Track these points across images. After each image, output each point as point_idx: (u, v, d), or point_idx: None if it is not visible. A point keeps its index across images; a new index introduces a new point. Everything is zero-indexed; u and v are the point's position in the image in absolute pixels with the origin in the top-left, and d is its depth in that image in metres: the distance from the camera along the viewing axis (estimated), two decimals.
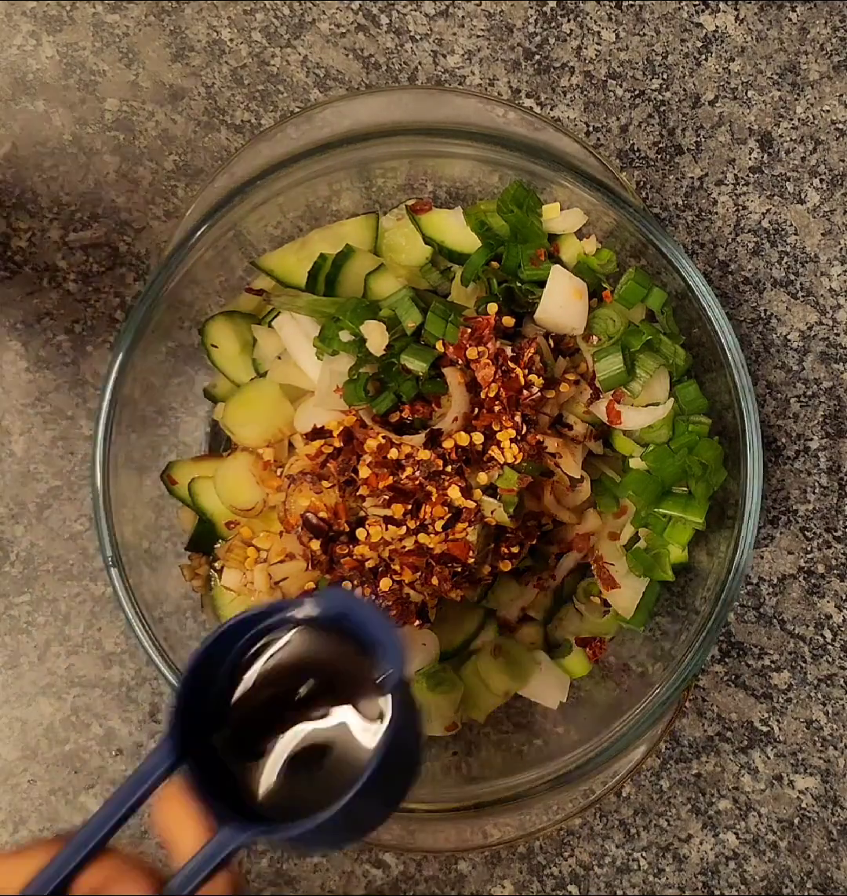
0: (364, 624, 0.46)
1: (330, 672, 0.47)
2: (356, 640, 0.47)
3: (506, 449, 0.62)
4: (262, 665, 0.47)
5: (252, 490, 0.65)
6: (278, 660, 0.47)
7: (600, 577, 0.68)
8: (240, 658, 0.47)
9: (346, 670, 0.47)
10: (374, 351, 0.63)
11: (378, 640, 0.46)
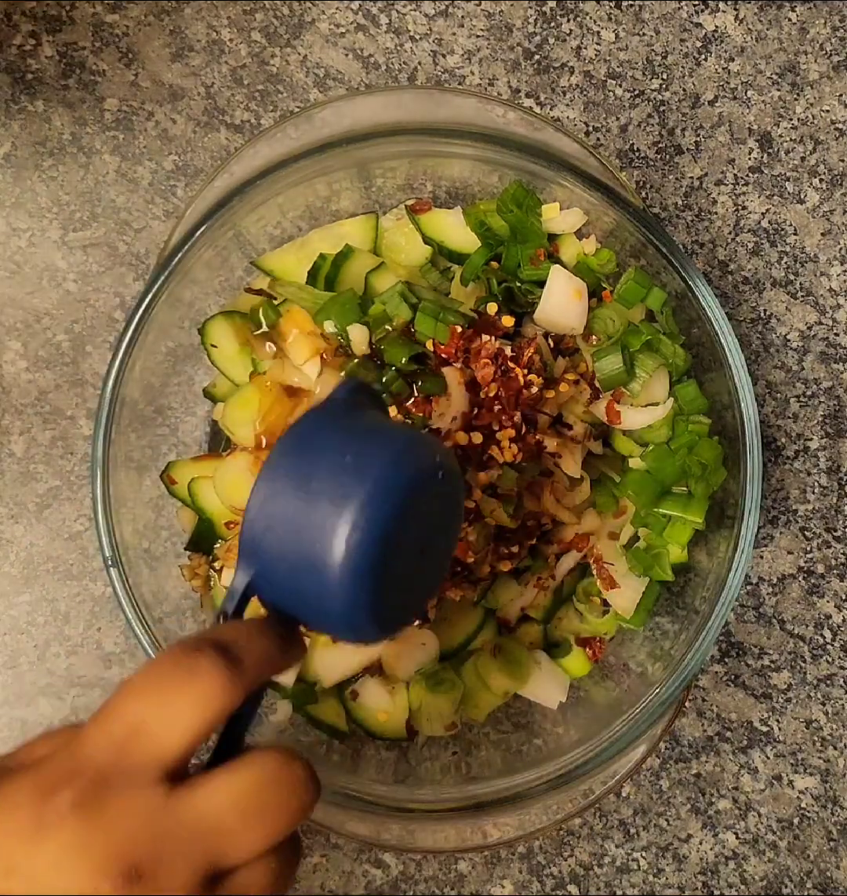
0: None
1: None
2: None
3: (505, 448, 0.62)
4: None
5: None
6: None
7: (600, 577, 0.68)
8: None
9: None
10: (356, 352, 0.63)
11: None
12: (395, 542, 0.42)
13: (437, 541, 0.47)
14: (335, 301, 0.64)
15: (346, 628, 0.44)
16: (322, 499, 0.41)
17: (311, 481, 0.42)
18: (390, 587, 0.43)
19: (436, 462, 0.44)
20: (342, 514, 0.41)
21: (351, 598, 0.42)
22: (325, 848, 0.72)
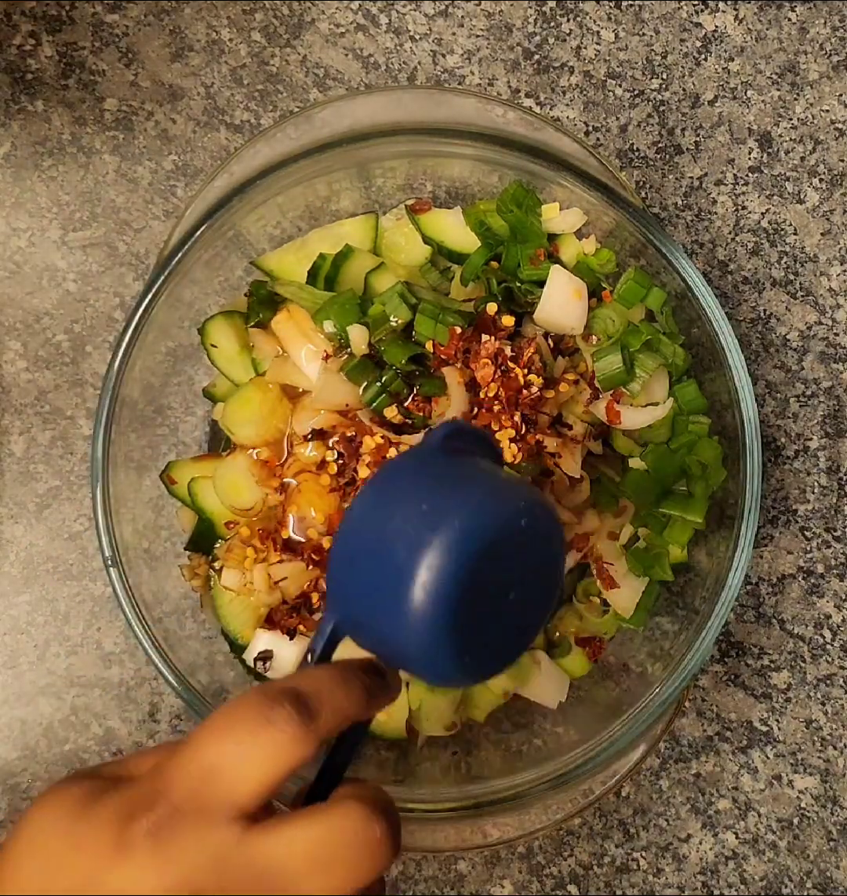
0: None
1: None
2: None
3: (505, 448, 0.62)
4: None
5: (251, 490, 0.65)
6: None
7: (599, 577, 0.68)
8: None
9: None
10: (355, 352, 0.63)
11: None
12: (474, 587, 0.42)
13: (531, 586, 0.46)
14: (335, 301, 0.64)
15: (432, 674, 0.45)
16: (398, 545, 0.42)
17: (389, 527, 0.43)
18: (475, 632, 0.44)
19: (517, 510, 0.44)
20: (415, 563, 0.42)
21: (430, 644, 0.42)
22: None
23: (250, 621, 0.66)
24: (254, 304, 0.67)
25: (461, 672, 0.44)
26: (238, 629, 0.67)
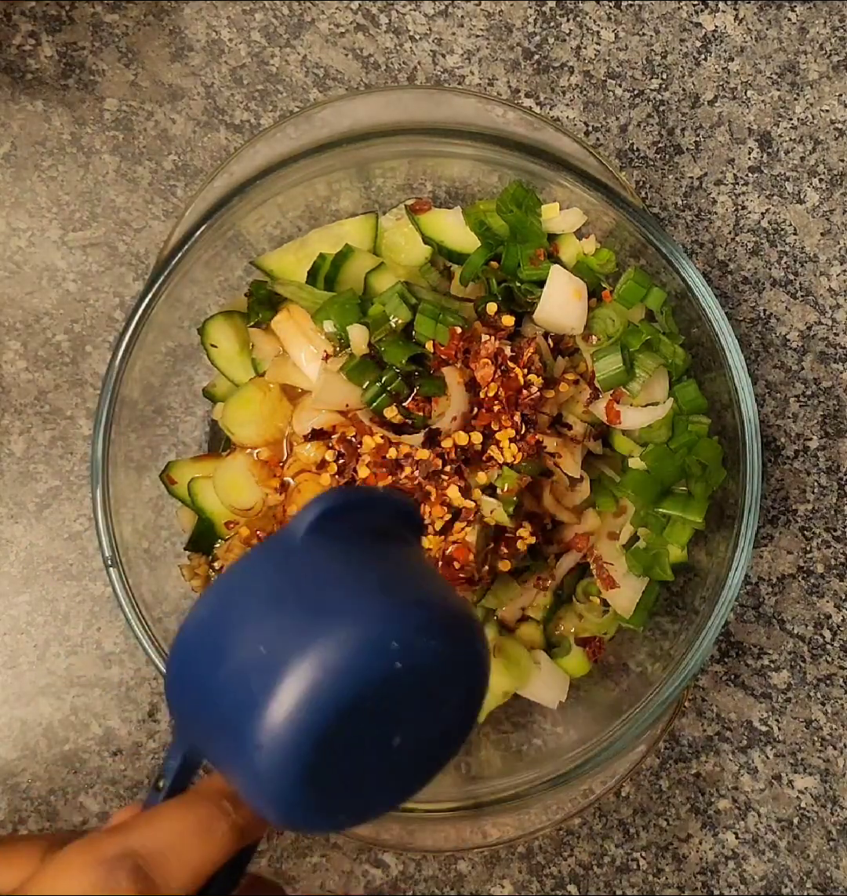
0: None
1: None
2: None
3: (505, 449, 0.62)
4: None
5: (251, 490, 0.65)
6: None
7: (599, 577, 0.68)
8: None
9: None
10: (355, 352, 0.63)
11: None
12: (337, 742, 0.35)
13: (433, 726, 0.38)
14: (335, 301, 0.64)
15: (289, 826, 0.39)
16: (237, 685, 0.35)
17: (227, 661, 0.36)
18: (344, 787, 0.36)
19: (387, 652, 0.35)
20: (256, 712, 0.34)
21: (288, 802, 0.35)
22: (325, 848, 0.72)
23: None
24: (254, 304, 0.67)
25: (328, 824, 0.38)
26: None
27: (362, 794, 0.37)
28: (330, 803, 0.36)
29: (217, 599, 0.37)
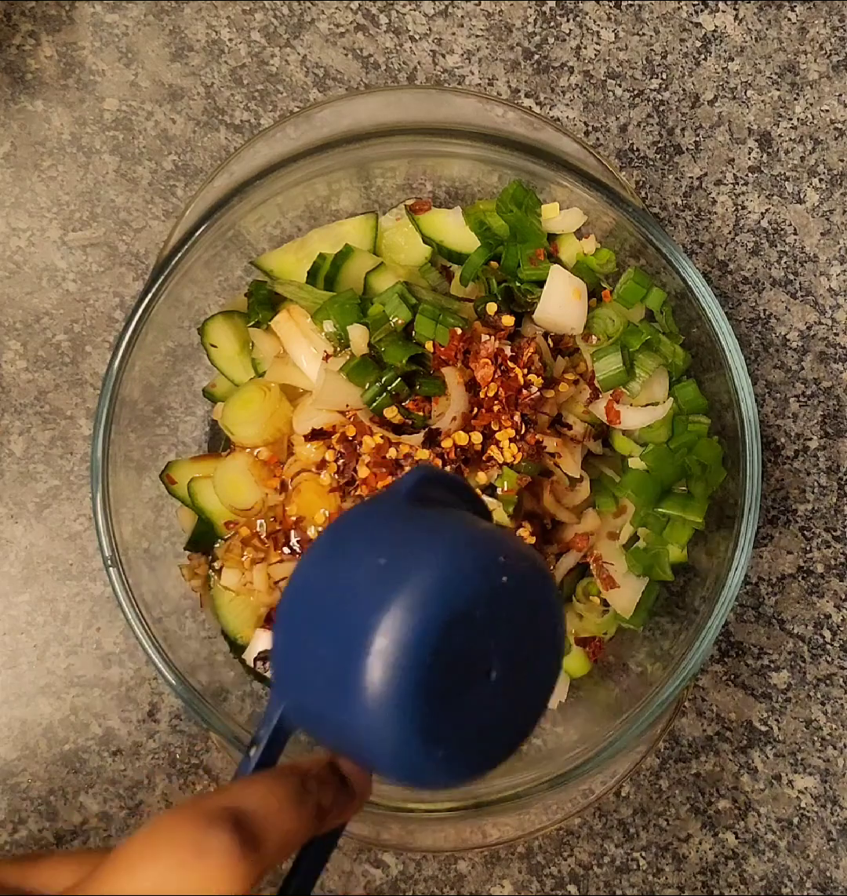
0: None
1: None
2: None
3: (505, 449, 0.62)
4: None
5: (251, 490, 0.65)
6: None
7: (599, 577, 0.68)
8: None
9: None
10: (355, 352, 0.63)
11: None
12: (443, 663, 0.35)
13: (520, 660, 0.38)
14: (334, 301, 0.64)
15: (400, 773, 0.37)
16: (351, 609, 0.35)
17: (340, 588, 0.36)
18: (448, 720, 0.36)
19: (496, 564, 0.37)
20: (369, 632, 0.34)
21: (392, 734, 0.35)
22: None
23: (250, 621, 0.66)
24: (254, 304, 0.67)
25: (435, 770, 0.37)
26: (238, 629, 0.67)
27: (468, 737, 0.37)
28: (439, 745, 0.36)
29: (331, 536, 0.38)
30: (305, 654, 0.37)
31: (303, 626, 0.37)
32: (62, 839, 0.72)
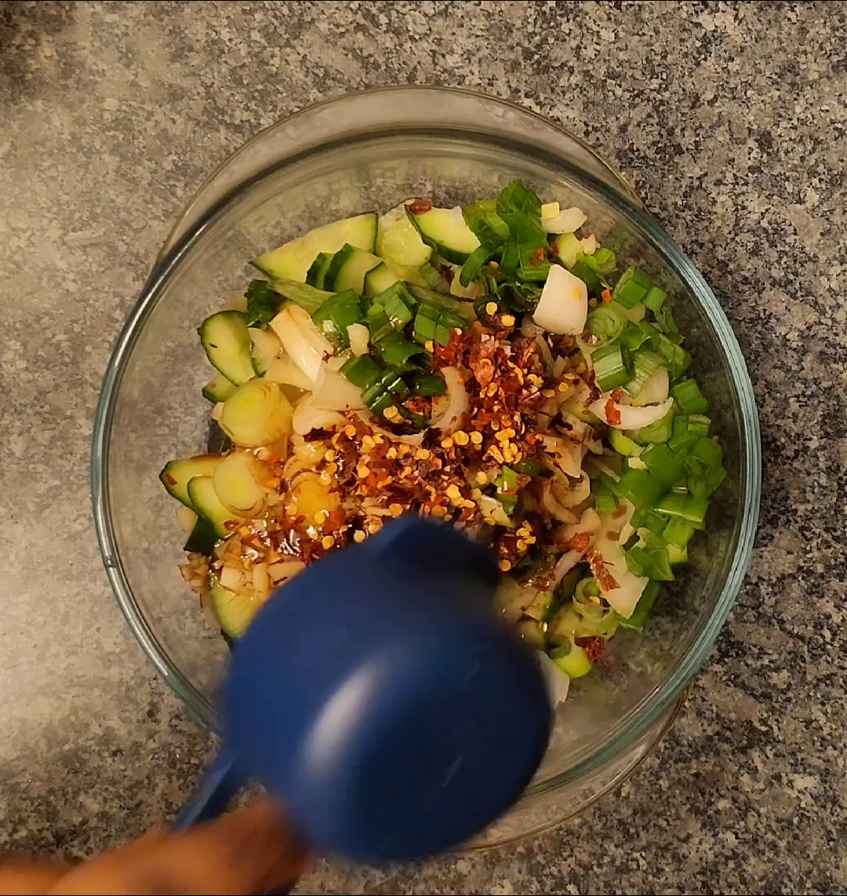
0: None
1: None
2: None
3: (505, 449, 0.62)
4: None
5: (251, 490, 0.65)
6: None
7: (599, 577, 0.68)
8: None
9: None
10: (355, 352, 0.63)
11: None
12: (395, 752, 0.33)
13: (492, 751, 0.36)
14: (335, 301, 0.64)
15: (344, 849, 0.35)
16: (302, 679, 0.34)
17: (295, 653, 0.34)
18: (397, 806, 0.34)
19: (465, 655, 0.34)
20: (316, 710, 0.32)
21: (334, 816, 0.33)
22: None
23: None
24: (254, 304, 0.67)
25: (379, 852, 0.35)
26: (238, 629, 0.67)
27: (414, 825, 0.35)
28: (385, 831, 0.35)
29: (293, 592, 0.36)
30: (256, 709, 0.35)
31: (257, 676, 0.35)
32: (62, 839, 0.72)
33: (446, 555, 0.39)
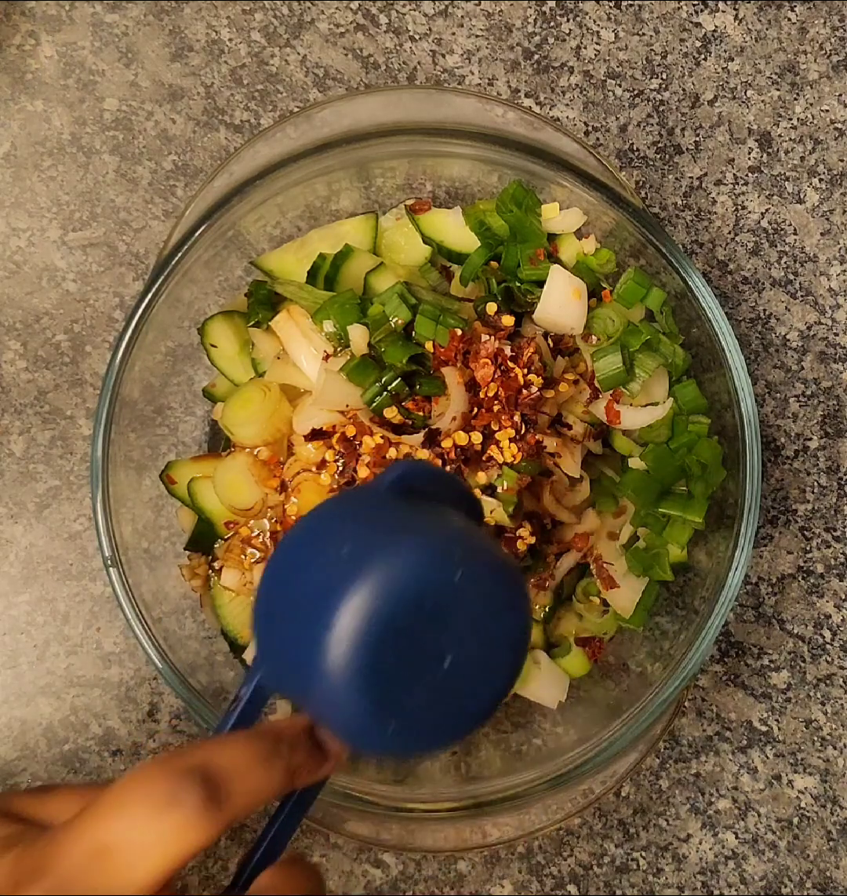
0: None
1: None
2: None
3: (505, 448, 0.62)
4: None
5: (251, 490, 0.65)
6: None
7: (599, 577, 0.68)
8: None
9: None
10: (355, 352, 0.63)
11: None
12: (396, 646, 0.39)
13: (476, 654, 0.41)
14: (334, 301, 0.64)
15: (357, 740, 0.41)
16: (315, 591, 0.39)
17: (309, 571, 0.40)
18: (400, 697, 0.39)
19: (450, 562, 0.40)
20: (329, 612, 0.38)
21: (347, 704, 0.39)
22: (325, 848, 0.72)
23: (250, 621, 0.66)
24: (254, 304, 0.67)
25: (386, 741, 0.40)
26: (238, 629, 0.67)
27: (415, 715, 0.40)
28: (391, 719, 0.40)
29: (306, 524, 0.42)
30: (280, 625, 0.40)
31: (278, 598, 0.41)
32: None
33: (438, 494, 0.44)
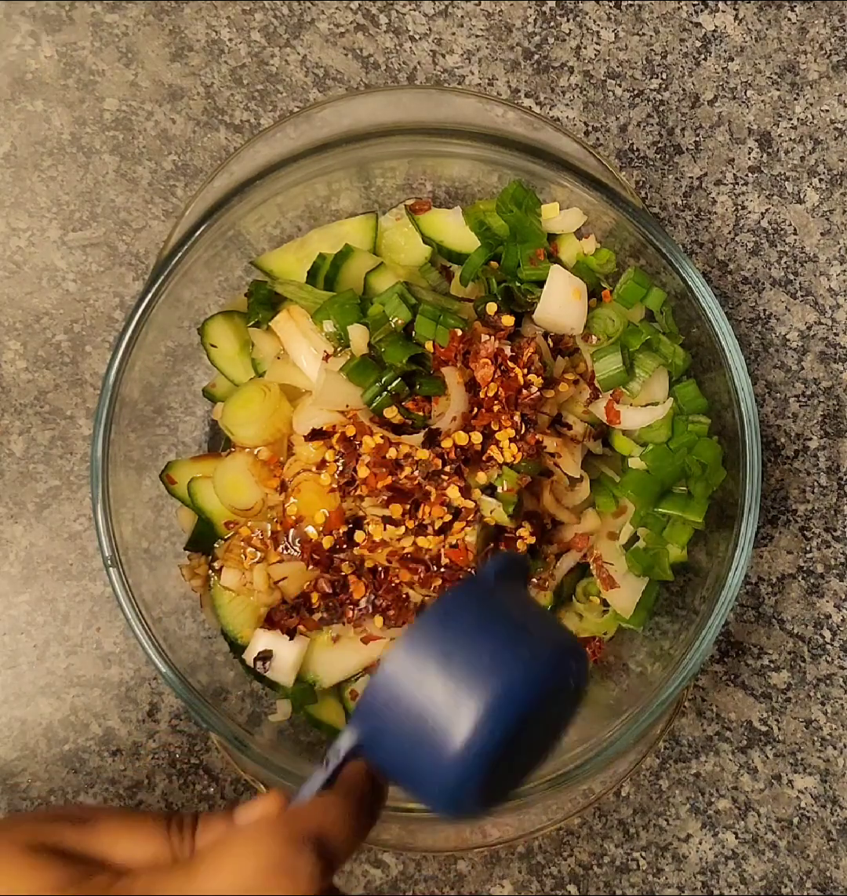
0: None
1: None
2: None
3: (505, 449, 0.62)
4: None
5: (251, 490, 0.65)
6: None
7: (599, 577, 0.68)
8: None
9: None
10: (355, 352, 0.63)
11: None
12: (513, 737, 0.43)
13: (553, 725, 0.47)
14: (334, 301, 0.64)
15: (451, 807, 0.45)
16: (451, 691, 0.42)
17: (447, 668, 0.43)
18: (501, 770, 0.44)
19: (572, 672, 0.45)
20: (467, 715, 0.42)
21: (462, 784, 0.42)
22: None
23: (250, 621, 0.66)
24: (254, 304, 0.67)
25: (482, 806, 0.45)
26: (238, 629, 0.67)
27: (503, 782, 0.45)
28: (490, 795, 0.44)
29: (441, 615, 0.44)
30: (400, 704, 0.43)
31: (404, 683, 0.43)
32: None
33: (518, 575, 0.49)
